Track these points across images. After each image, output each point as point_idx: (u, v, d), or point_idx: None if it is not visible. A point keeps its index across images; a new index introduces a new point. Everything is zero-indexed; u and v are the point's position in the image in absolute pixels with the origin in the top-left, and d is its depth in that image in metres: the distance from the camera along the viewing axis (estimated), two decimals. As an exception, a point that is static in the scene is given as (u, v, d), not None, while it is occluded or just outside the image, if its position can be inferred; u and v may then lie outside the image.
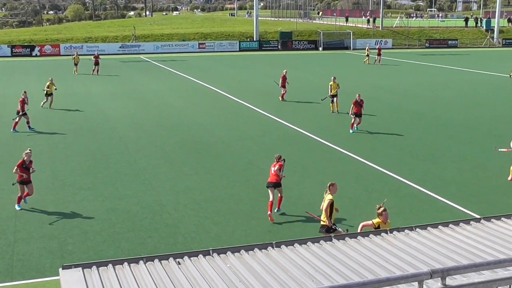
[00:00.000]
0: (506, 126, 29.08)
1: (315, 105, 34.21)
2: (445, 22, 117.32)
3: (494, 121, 30.56)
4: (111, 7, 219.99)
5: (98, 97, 38.12)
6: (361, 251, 7.73)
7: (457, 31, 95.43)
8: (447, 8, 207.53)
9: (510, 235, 8.29)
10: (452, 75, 51.63)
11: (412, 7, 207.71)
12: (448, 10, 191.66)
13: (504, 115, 32.32)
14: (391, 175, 20.86)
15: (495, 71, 54.34)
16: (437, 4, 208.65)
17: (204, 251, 7.77)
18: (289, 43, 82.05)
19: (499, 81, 47.70)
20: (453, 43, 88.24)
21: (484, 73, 53.00)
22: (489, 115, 32.48)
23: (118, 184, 19.77)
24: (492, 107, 35.09)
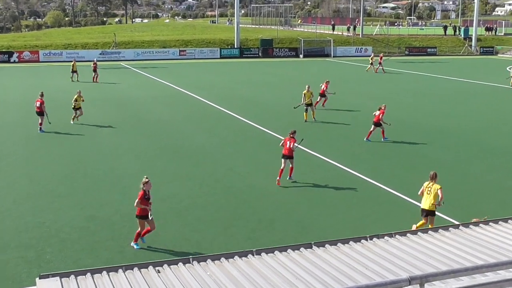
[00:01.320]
0: (484, 133, 29.35)
1: (295, 112, 34.22)
2: (424, 30, 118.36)
3: (473, 128, 30.82)
4: (91, 14, 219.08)
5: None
6: (341, 258, 7.73)
7: (436, 39, 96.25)
8: (426, 16, 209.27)
9: (488, 241, 8.34)
10: (431, 83, 52.00)
11: (392, 16, 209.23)
12: (427, 19, 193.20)
13: (482, 122, 32.62)
14: (371, 182, 20.92)
15: (474, 78, 54.86)
16: (416, 12, 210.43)
17: (184, 259, 7.72)
18: (270, 50, 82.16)
19: (478, 88, 48.14)
20: (432, 51, 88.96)
21: (462, 81, 53.47)
22: (467, 121, 32.76)
23: (97, 192, 19.62)
24: (471, 114, 35.39)
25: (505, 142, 27.50)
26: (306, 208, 18.31)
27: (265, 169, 22.75)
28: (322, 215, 17.66)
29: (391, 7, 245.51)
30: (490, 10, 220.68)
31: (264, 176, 21.81)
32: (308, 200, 19.04)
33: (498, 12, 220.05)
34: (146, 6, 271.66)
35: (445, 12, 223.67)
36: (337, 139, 28.02)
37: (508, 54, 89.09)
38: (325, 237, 11.76)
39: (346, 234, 13.23)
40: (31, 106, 36.05)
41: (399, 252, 7.91)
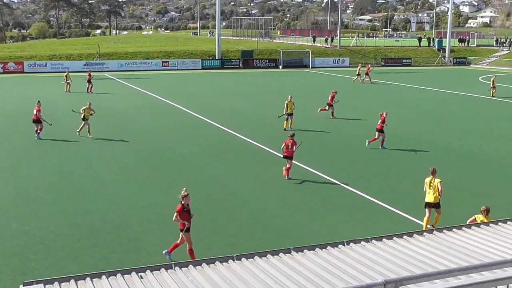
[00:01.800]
0: (457, 141, 29.60)
1: (275, 121, 34.29)
2: (399, 41, 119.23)
3: (446, 136, 31.06)
4: (76, 26, 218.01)
5: (62, 112, 37.58)
6: (319, 262, 7.75)
7: (411, 50, 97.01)
8: (402, 28, 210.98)
9: (460, 245, 8.41)
10: (406, 92, 52.41)
11: (369, 28, 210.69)
12: (402, 31, 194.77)
13: (455, 130, 32.90)
14: (348, 188, 21.01)
15: (447, 88, 55.33)
16: (392, 24, 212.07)
17: (166, 265, 7.70)
18: (250, 62, 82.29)
19: (451, 97, 48.55)
20: (407, 62, 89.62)
21: (437, 90, 53.91)
22: (441, 130, 33.02)
23: (82, 200, 19.49)
24: (444, 123, 35.68)
25: (476, 150, 27.77)
26: (286, 214, 18.33)
27: (246, 177, 22.77)
28: (301, 221, 17.69)
29: (368, 20, 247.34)
30: (463, 23, 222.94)
31: (245, 184, 21.83)
32: (287, 207, 19.06)
33: (470, 24, 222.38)
34: (129, 18, 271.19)
35: (419, 24, 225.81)
36: (315, 147, 28.09)
37: (480, 65, 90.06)
38: (303, 242, 11.78)
39: (324, 239, 13.27)
40: (16, 115, 35.92)
41: (375, 256, 7.95)
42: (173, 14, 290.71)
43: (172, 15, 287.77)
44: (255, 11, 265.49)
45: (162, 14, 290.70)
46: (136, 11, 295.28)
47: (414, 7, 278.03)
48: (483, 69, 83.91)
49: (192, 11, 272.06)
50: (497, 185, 21.70)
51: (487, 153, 27.08)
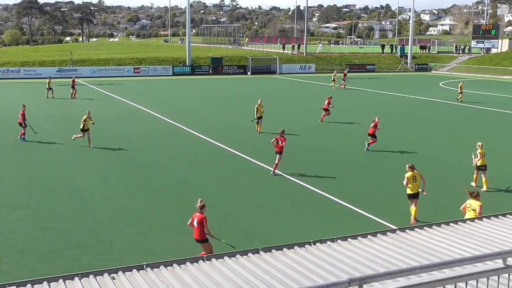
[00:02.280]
0: (416, 144, 29.90)
1: (244, 126, 34.31)
2: (363, 48, 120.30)
3: (407, 139, 31.38)
4: (49, 33, 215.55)
5: (35, 118, 37.00)
6: (286, 262, 7.75)
7: (375, 57, 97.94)
8: (366, 36, 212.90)
9: (422, 244, 8.49)
10: (370, 97, 52.84)
11: (334, 35, 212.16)
12: (366, 38, 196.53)
13: (415, 134, 33.26)
14: (315, 190, 21.06)
15: (409, 93, 55.95)
16: (356, 32, 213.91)
17: (137, 266, 7.63)
18: (219, 68, 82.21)
19: (412, 102, 49.09)
20: (371, 68, 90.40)
21: (399, 95, 54.49)
22: (402, 133, 33.37)
23: (54, 204, 19.23)
24: (405, 126, 36.08)
25: (436, 153, 28.09)
26: (254, 216, 18.33)
27: (216, 179, 22.71)
28: (269, 222, 17.71)
29: (333, 27, 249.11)
30: (424, 30, 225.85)
31: (214, 186, 21.77)
32: (256, 209, 19.06)
33: (431, 31, 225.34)
34: (101, 25, 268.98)
35: (382, 32, 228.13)
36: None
37: (441, 71, 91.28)
38: (271, 242, 11.77)
39: (291, 239, 13.26)
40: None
41: (340, 255, 7.98)
42: (145, 22, 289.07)
43: (143, 23, 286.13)
44: (224, 19, 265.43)
45: (134, 22, 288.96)
46: (108, 18, 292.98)
47: (377, 16, 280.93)
48: (444, 75, 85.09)
49: (163, 19, 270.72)
50: (455, 187, 21.97)
51: (446, 156, 27.42)
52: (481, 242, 8.49)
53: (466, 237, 8.77)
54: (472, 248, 8.24)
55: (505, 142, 30.84)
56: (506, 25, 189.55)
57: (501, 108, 45.13)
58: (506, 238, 8.69)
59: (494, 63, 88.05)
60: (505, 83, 71.91)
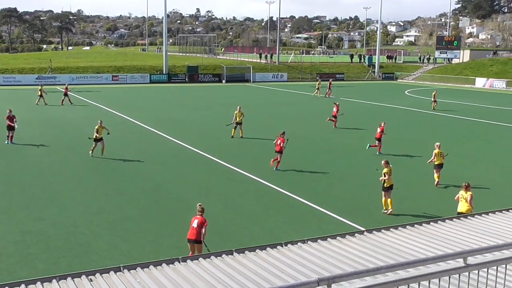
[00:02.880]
0: (386, 149, 30.12)
1: (218, 132, 34.26)
2: (333, 58, 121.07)
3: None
4: (28, 41, 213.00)
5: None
6: (259, 263, 7.76)
7: (344, 66, 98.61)
8: (335, 46, 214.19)
9: (388, 244, 8.57)
10: (341, 104, 53.01)
11: (305, 45, 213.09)
12: (335, 48, 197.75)
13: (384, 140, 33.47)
14: (286, 193, 21.13)
15: (376, 101, 56.43)
16: (326, 42, 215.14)
17: (115, 268, 7.58)
18: (195, 76, 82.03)
19: (380, 109, 49.50)
20: (341, 77, 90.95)
21: (367, 103, 54.89)
22: (370, 139, 33.56)
23: (33, 208, 18.98)
24: (373, 132, 36.27)
25: (402, 157, 28.34)
26: (228, 218, 18.31)
27: (191, 183, 22.65)
28: (242, 225, 17.70)
29: (304, 37, 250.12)
30: (390, 41, 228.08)
31: (189, 190, 21.71)
32: (229, 211, 19.04)
33: (397, 42, 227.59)
34: (80, 34, 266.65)
35: (351, 42, 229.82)
36: (257, 155, 28.18)
37: (406, 79, 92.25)
38: (245, 244, 11.76)
39: (264, 241, 13.30)
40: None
41: (310, 256, 8.02)
42: (123, 31, 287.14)
43: (121, 32, 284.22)
44: (200, 29, 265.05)
45: (112, 31, 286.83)
46: (87, 27, 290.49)
47: (346, 27, 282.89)
48: (409, 83, 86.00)
49: (140, 29, 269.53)
50: (419, 190, 22.22)
51: (411, 160, 27.69)
52: (443, 243, 8.61)
53: (430, 238, 8.88)
54: (435, 248, 8.35)
55: (468, 147, 31.29)
56: (468, 37, 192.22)
57: (467, 116, 45.79)
58: (466, 238, 8.83)
59: (457, 72, 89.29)
60: (467, 91, 72.94)
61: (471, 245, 8.28)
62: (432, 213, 18.58)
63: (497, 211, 10.53)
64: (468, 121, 42.74)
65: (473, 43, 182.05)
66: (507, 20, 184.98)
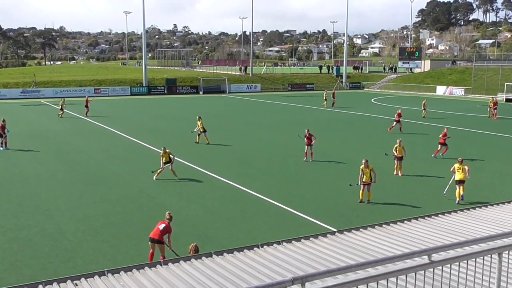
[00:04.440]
0: (352, 154, 30.32)
1: (194, 140, 34.14)
2: (303, 69, 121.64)
3: (343, 150, 31.74)
4: (12, 57, 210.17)
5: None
6: (237, 264, 7.74)
7: (313, 77, 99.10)
8: (305, 58, 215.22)
9: (358, 244, 8.61)
10: (310, 113, 53.30)
11: (277, 57, 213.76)
12: (305, 60, 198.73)
13: (351, 145, 33.71)
14: (262, 198, 21.12)
15: (344, 109, 56.74)
16: (296, 54, 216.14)
17: (99, 272, 7.49)
18: (174, 88, 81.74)
19: (345, 116, 49.81)
20: (311, 87, 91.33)
21: (337, 111, 55.17)
22: (341, 144, 33.77)
23: (20, 215, 18.68)
24: (343, 138, 36.49)
25: (373, 162, 28.50)
26: (207, 222, 18.23)
27: (172, 190, 22.51)
28: (220, 228, 17.64)
29: (276, 50, 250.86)
30: (357, 52, 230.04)
31: (171, 196, 21.58)
32: (209, 215, 18.97)
33: (363, 53, 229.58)
34: (63, 49, 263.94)
35: (320, 54, 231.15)
36: (233, 162, 28.15)
37: (372, 88, 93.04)
38: (223, 246, 11.75)
39: (241, 243, 13.26)
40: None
41: (285, 257, 8.01)
42: (104, 47, 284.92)
43: (102, 47, 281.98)
44: (177, 44, 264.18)
45: (94, 46, 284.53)
46: (69, 43, 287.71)
47: (315, 40, 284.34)
48: (375, 92, 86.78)
49: (120, 44, 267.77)
50: (387, 192, 22.38)
51: (379, 164, 27.87)
52: (409, 241, 8.68)
53: (397, 237, 8.94)
54: (402, 246, 8.42)
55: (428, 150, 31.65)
56: (428, 48, 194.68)
57: (432, 122, 46.32)
58: (430, 236, 8.92)
59: (418, 81, 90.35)
60: (429, 99, 73.71)
61: (435, 243, 8.36)
62: (399, 212, 18.70)
63: (458, 210, 10.66)
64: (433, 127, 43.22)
65: (433, 54, 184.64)
66: (463, 32, 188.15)
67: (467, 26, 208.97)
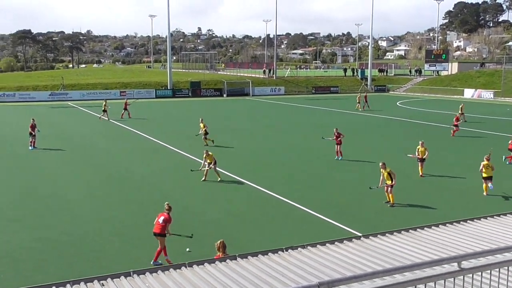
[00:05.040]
0: (380, 157, 30.01)
1: (220, 143, 34.19)
2: (327, 72, 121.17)
3: (368, 152, 31.44)
4: (41, 60, 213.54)
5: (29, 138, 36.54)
6: (261, 267, 7.68)
7: (338, 79, 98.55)
8: (329, 60, 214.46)
9: (385, 249, 8.48)
10: (334, 116, 53.05)
11: (300, 60, 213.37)
12: (330, 62, 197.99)
13: (375, 147, 33.40)
14: (286, 201, 21.04)
15: (369, 112, 56.32)
16: (320, 57, 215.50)
17: (125, 273, 7.51)
18: (198, 91, 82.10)
19: (370, 119, 49.40)
20: (335, 89, 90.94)
21: (358, 114, 54.81)
22: (364, 147, 33.50)
23: (47, 216, 18.90)
24: (366, 141, 36.22)
25: (398, 165, 28.22)
26: (232, 225, 18.23)
27: (196, 193, 22.56)
28: (245, 231, 17.61)
29: (300, 53, 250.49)
30: (382, 55, 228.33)
31: (196, 198, 21.62)
32: (233, 218, 18.96)
33: (388, 56, 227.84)
34: (90, 53, 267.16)
35: (344, 57, 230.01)
36: (257, 165, 28.10)
37: (398, 91, 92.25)
38: (247, 249, 11.67)
39: (265, 246, 13.18)
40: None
41: (310, 261, 7.93)
42: (129, 50, 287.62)
43: (128, 51, 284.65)
44: (201, 47, 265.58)
45: (119, 50, 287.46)
46: (96, 47, 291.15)
47: (339, 42, 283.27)
48: (400, 95, 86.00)
49: (146, 47, 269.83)
50: (413, 196, 22.10)
51: (404, 168, 27.60)
52: (438, 247, 8.50)
53: (424, 243, 8.78)
54: (430, 252, 8.25)
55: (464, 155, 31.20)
56: (455, 50, 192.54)
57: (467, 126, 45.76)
58: (460, 243, 8.72)
59: (445, 84, 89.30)
60: (457, 102, 72.87)
61: (465, 250, 8.17)
62: (424, 217, 18.45)
63: (488, 216, 10.44)
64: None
65: (460, 56, 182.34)
66: (492, 34, 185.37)
67: (497, 27, 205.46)
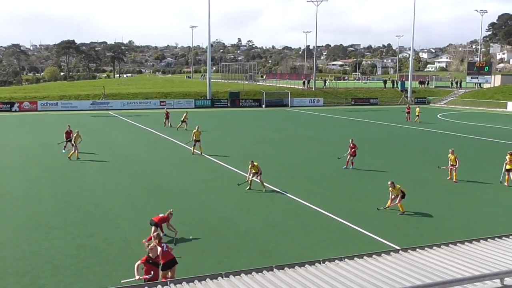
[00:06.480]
0: (414, 169, 29.63)
1: (259, 154, 34.23)
2: (367, 83, 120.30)
3: (406, 165, 31.11)
4: (84, 70, 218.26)
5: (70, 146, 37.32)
6: (298, 279, 7.65)
7: (378, 91, 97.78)
8: (369, 72, 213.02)
9: (423, 263, 8.35)
10: (373, 127, 52.63)
11: (340, 71, 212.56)
12: (369, 74, 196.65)
13: (414, 160, 32.98)
14: (323, 212, 20.91)
15: (408, 124, 55.68)
16: (360, 68, 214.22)
17: (161, 282, 7.58)
18: (237, 101, 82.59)
19: (410, 131, 48.84)
20: (374, 101, 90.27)
21: (402, 126, 54.22)
22: (402, 159, 33.12)
23: (87, 224, 19.23)
24: (405, 153, 35.80)
25: (425, 175, 27.79)
26: (268, 236, 18.18)
27: (233, 203, 22.61)
28: (281, 242, 17.55)
29: (339, 64, 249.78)
30: (422, 67, 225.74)
31: (232, 209, 21.67)
32: (269, 229, 18.92)
33: (429, 68, 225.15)
34: (131, 63, 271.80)
35: (384, 69, 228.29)
36: (295, 175, 28.01)
37: (438, 104, 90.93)
38: (284, 261, 11.66)
39: (302, 258, 13.11)
40: (29, 149, 35.75)
41: (348, 274, 7.87)
42: (170, 60, 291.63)
43: (168, 61, 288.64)
44: (241, 58, 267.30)
45: (160, 60, 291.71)
46: (137, 57, 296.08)
47: (379, 54, 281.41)
48: (441, 108, 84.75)
49: (186, 57, 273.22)
50: (453, 210, 21.71)
51: (437, 179, 27.16)
52: (479, 263, 8.32)
53: (465, 258, 8.61)
54: (471, 268, 8.08)
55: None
56: (498, 62, 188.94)
57: (488, 137, 44.79)
58: (502, 259, 8.51)
59: (488, 97, 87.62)
60: (499, 115, 71.44)
61: (507, 266, 7.98)
62: (464, 231, 18.08)
63: (531, 231, 10.18)
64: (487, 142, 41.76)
65: (504, 68, 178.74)
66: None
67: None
